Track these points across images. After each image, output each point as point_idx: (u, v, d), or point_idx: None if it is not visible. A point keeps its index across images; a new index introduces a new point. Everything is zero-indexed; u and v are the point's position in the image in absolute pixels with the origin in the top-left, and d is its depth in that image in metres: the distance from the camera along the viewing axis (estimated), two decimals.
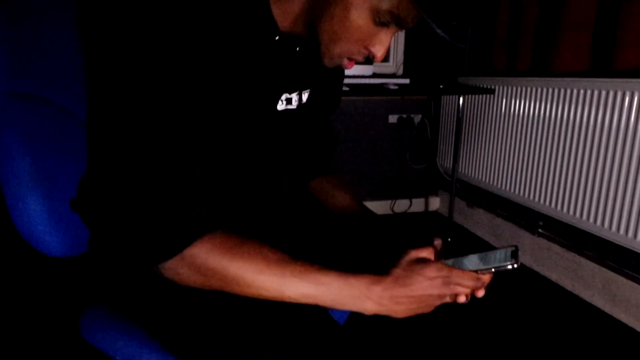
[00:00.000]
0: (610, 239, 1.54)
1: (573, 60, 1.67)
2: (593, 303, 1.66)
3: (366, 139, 2.54)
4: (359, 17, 0.58)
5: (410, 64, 2.50)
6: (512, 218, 2.06)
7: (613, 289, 1.59)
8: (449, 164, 2.46)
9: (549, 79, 1.74)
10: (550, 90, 1.74)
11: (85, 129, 0.72)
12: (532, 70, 1.87)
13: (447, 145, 2.49)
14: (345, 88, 1.93)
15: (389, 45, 0.62)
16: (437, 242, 0.67)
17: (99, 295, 0.75)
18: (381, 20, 0.58)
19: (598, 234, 1.58)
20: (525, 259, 1.98)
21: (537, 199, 1.83)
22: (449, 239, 2.22)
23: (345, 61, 0.64)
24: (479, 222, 2.30)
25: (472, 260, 0.60)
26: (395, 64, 2.53)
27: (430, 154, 2.62)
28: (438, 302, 0.58)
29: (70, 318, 0.76)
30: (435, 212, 2.69)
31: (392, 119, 2.55)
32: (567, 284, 1.78)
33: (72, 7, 0.74)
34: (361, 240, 0.80)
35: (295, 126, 0.78)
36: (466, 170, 2.31)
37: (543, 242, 1.88)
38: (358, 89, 1.97)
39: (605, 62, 1.56)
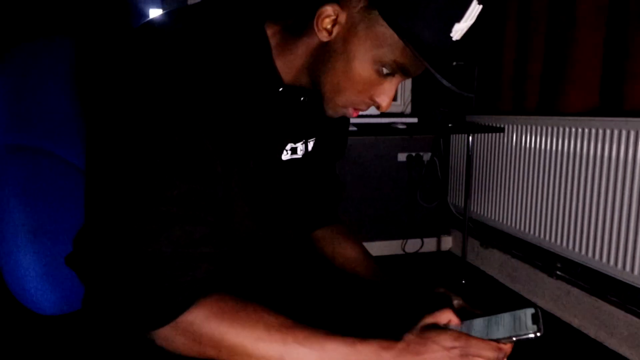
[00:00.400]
0: (634, 284, 1.46)
1: (581, 99, 1.65)
2: (618, 351, 1.56)
3: (375, 178, 2.51)
4: (362, 68, 0.57)
5: (418, 103, 2.50)
6: (528, 259, 1.99)
7: (639, 337, 1.50)
8: (460, 202, 2.41)
9: (558, 117, 1.72)
10: (561, 129, 1.71)
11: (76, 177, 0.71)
12: (540, 108, 1.85)
13: (457, 184, 2.45)
14: (352, 128, 1.92)
15: (394, 94, 0.61)
16: (457, 302, 0.63)
17: (91, 356, 0.72)
18: (385, 71, 0.57)
19: (620, 278, 1.50)
20: (545, 302, 1.89)
21: (553, 239, 1.77)
22: (463, 281, 2.14)
23: (350, 110, 0.63)
24: (494, 263, 2.23)
25: (490, 326, 0.56)
26: (403, 102, 2.53)
27: (441, 193, 2.58)
28: None
29: None
30: (448, 252, 2.62)
31: (401, 157, 2.53)
32: (590, 330, 1.68)
33: (69, 60, 0.74)
34: (370, 300, 0.76)
35: (301, 175, 0.76)
36: (478, 209, 2.26)
37: (562, 285, 1.80)
38: (366, 129, 1.96)
39: (615, 101, 1.53)
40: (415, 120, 2.16)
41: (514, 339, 0.54)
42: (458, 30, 0.54)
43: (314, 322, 0.54)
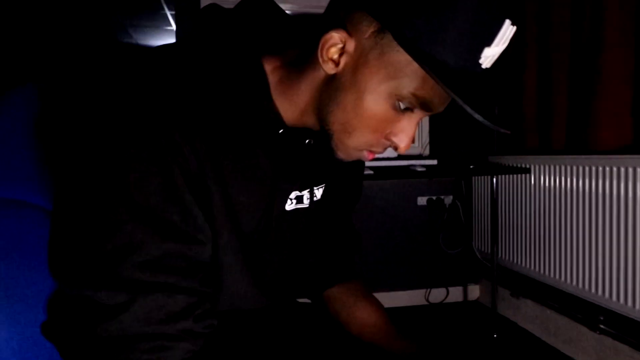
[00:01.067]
0: None
1: (612, 135, 1.53)
2: None
3: (394, 223, 2.39)
4: (376, 103, 0.49)
5: (436, 144, 2.42)
6: (566, 310, 1.81)
7: None
8: (486, 248, 2.26)
9: (587, 156, 1.60)
10: (593, 168, 1.59)
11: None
12: (568, 146, 1.74)
13: (482, 228, 2.31)
14: (368, 171, 1.84)
15: (414, 133, 0.52)
16: None
17: None
18: (402, 105, 0.49)
19: None
20: (586, 358, 1.70)
21: (593, 290, 1.60)
22: (495, 335, 1.96)
23: (366, 153, 0.55)
24: (528, 314, 2.05)
25: None
26: (421, 144, 2.45)
27: (465, 238, 2.44)
28: None
29: None
30: (476, 302, 2.44)
31: (422, 201, 2.42)
32: None
33: (36, 108, 0.69)
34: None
35: (309, 227, 0.67)
36: (506, 256, 2.10)
37: (607, 340, 1.61)
38: (383, 172, 1.89)
39: None
40: (434, 162, 2.07)
41: None
42: (489, 56, 0.46)
43: None
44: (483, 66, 0.46)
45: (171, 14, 3.71)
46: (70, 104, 0.59)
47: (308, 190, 0.63)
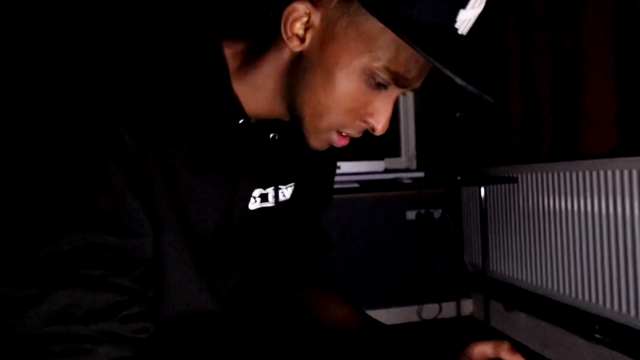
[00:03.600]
0: None
1: (597, 140, 1.53)
2: None
3: (383, 239, 2.35)
4: (348, 81, 0.45)
5: (423, 157, 2.41)
6: (561, 321, 1.77)
7: None
8: (477, 261, 2.23)
9: (575, 162, 1.60)
10: (580, 173, 1.58)
11: None
12: (554, 154, 1.73)
13: (473, 241, 2.28)
14: (354, 185, 1.82)
15: (390, 113, 0.48)
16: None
17: None
18: (377, 81, 0.46)
19: None
20: None
21: (588, 298, 1.57)
22: None
23: (335, 136, 0.50)
24: (522, 327, 2.00)
25: None
26: (407, 157, 2.45)
27: (456, 252, 2.40)
28: None
29: None
30: (470, 317, 2.39)
31: (410, 215, 2.39)
32: None
33: None
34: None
35: (276, 228, 0.62)
36: (498, 268, 2.07)
37: (603, 350, 1.57)
38: (369, 185, 1.87)
39: (636, 138, 1.41)
40: (421, 174, 2.06)
41: None
42: (465, 20, 0.43)
43: None
44: (459, 31, 0.44)
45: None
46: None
47: (273, 188, 0.59)
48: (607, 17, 1.49)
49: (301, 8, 0.44)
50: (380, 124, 0.48)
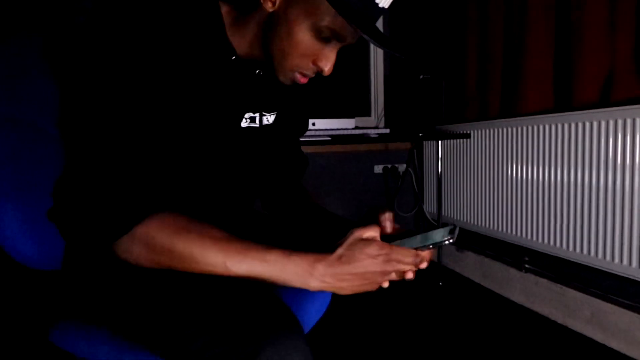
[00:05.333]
0: (593, 266, 1.55)
1: (537, 101, 1.79)
2: (584, 333, 1.63)
3: (354, 190, 2.60)
4: (302, 34, 0.64)
5: (390, 117, 2.63)
6: (499, 257, 2.07)
7: (601, 317, 1.57)
8: (434, 209, 2.50)
9: (517, 118, 1.85)
10: (519, 128, 1.84)
11: (55, 144, 0.79)
12: (501, 113, 1.99)
13: (431, 192, 2.55)
14: (327, 138, 2.03)
15: (334, 59, 0.68)
16: (385, 217, 0.69)
17: (71, 310, 0.77)
18: (322, 35, 0.64)
19: (581, 262, 1.59)
20: (516, 296, 1.96)
21: (519, 233, 1.86)
22: (440, 283, 2.21)
23: (298, 75, 0.69)
24: (469, 264, 2.30)
25: (415, 240, 0.64)
26: (376, 117, 2.66)
27: (417, 202, 2.67)
28: (381, 280, 0.61)
29: (42, 330, 0.77)
30: None
31: (378, 169, 2.63)
32: (558, 317, 1.75)
33: (39, 42, 0.84)
34: (310, 227, 0.83)
35: (260, 144, 0.83)
36: (452, 214, 2.35)
37: (531, 277, 1.88)
38: (340, 139, 2.06)
39: (565, 100, 1.67)
40: (387, 131, 2.28)
41: (430, 246, 0.62)
42: None
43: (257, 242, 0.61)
44: (380, 5, 0.63)
45: None
46: (73, 39, 0.73)
47: (259, 113, 0.79)
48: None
49: None
50: (326, 67, 0.67)
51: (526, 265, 1.89)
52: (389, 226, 0.69)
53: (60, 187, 0.63)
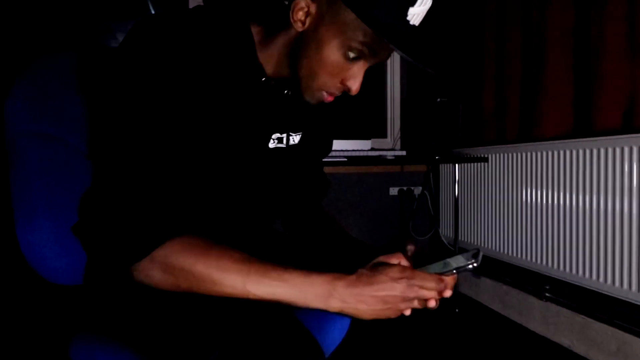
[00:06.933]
0: (618, 297, 1.50)
1: (555, 125, 1.76)
2: None
3: (368, 211, 2.58)
4: (331, 53, 0.64)
5: (406, 139, 2.62)
6: (518, 284, 2.01)
7: (628, 351, 1.50)
8: (451, 233, 2.46)
9: (537, 143, 1.82)
10: (538, 153, 1.81)
11: (86, 161, 0.79)
12: (520, 137, 1.96)
13: (448, 216, 2.51)
14: (342, 159, 2.02)
15: (362, 79, 0.68)
16: (410, 247, 0.69)
17: (90, 324, 0.76)
18: (352, 54, 0.64)
19: (606, 292, 1.54)
20: (536, 325, 1.90)
21: (539, 261, 1.81)
22: (457, 310, 2.15)
23: (325, 94, 0.69)
24: (486, 291, 2.24)
25: (438, 266, 0.62)
26: (392, 138, 2.66)
27: (433, 225, 2.64)
28: (404, 306, 0.59)
29: (61, 345, 0.77)
30: None
31: (393, 191, 2.61)
32: (580, 349, 1.69)
33: (74, 68, 0.86)
34: (333, 251, 0.82)
35: (287, 165, 0.82)
36: (469, 239, 2.31)
37: (552, 306, 1.82)
38: (356, 160, 2.06)
39: (586, 124, 1.64)
40: (403, 153, 2.27)
41: (454, 271, 0.59)
42: (415, 15, 0.61)
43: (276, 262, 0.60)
44: (411, 22, 0.62)
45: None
46: (104, 60, 0.75)
47: (286, 133, 0.79)
48: (567, 10, 1.71)
49: (303, 2, 0.64)
50: (354, 87, 0.67)
51: (547, 294, 1.83)
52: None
53: (86, 204, 0.63)
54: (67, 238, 0.76)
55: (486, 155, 2.13)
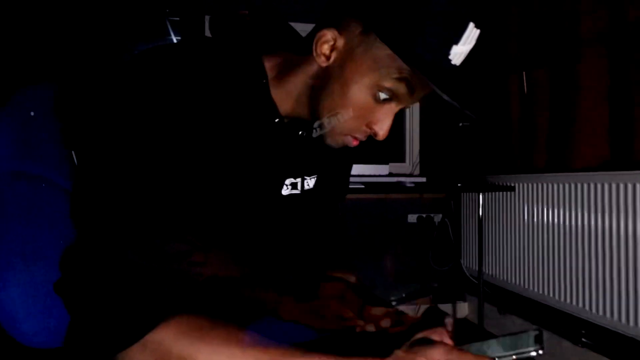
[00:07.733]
0: None
1: (590, 153, 1.62)
2: None
3: (385, 239, 2.45)
4: (359, 92, 0.56)
5: (426, 164, 2.51)
6: (550, 325, 1.85)
7: None
8: (474, 265, 2.31)
9: (568, 173, 1.69)
10: (572, 185, 1.67)
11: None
12: (549, 165, 1.83)
13: (470, 246, 2.37)
14: (360, 185, 1.91)
15: (390, 123, 0.59)
16: (449, 321, 0.57)
17: None
18: (382, 95, 0.56)
19: None
20: None
21: (575, 303, 1.66)
22: None
23: (350, 138, 0.61)
24: (513, 330, 2.08)
25: (491, 346, 0.51)
26: (411, 164, 2.54)
27: (454, 255, 2.49)
28: None
29: None
30: (465, 320, 2.47)
31: (412, 218, 2.49)
32: None
33: (51, 98, 0.77)
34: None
35: (301, 212, 0.73)
36: (494, 272, 2.16)
37: (589, 354, 1.66)
38: (374, 187, 1.96)
39: (625, 153, 1.50)
40: (423, 179, 2.15)
41: (514, 357, 0.50)
42: (457, 54, 0.54)
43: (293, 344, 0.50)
44: (453, 62, 0.54)
45: (177, 40, 3.86)
46: (89, 93, 0.66)
47: (301, 178, 0.70)
48: (601, 26, 1.59)
49: (330, 34, 0.55)
50: (381, 131, 0.59)
51: (583, 339, 1.67)
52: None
53: (69, 260, 0.55)
54: (44, 294, 0.67)
55: (513, 184, 2.00)
